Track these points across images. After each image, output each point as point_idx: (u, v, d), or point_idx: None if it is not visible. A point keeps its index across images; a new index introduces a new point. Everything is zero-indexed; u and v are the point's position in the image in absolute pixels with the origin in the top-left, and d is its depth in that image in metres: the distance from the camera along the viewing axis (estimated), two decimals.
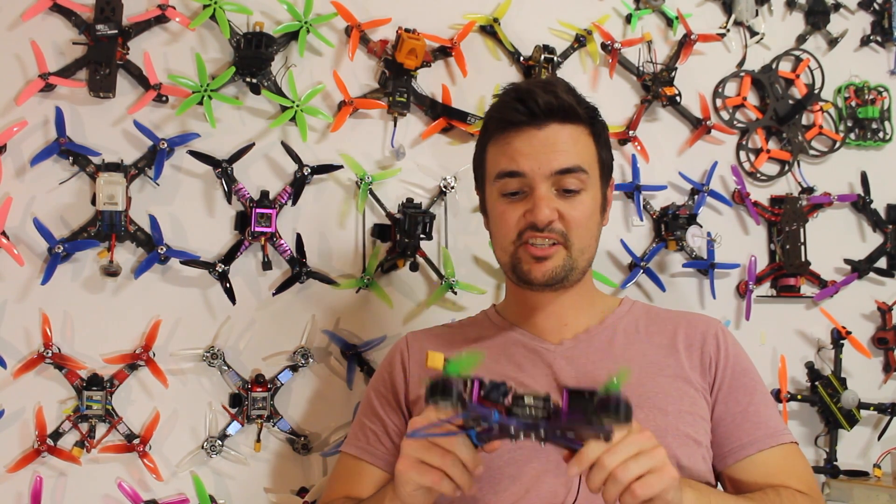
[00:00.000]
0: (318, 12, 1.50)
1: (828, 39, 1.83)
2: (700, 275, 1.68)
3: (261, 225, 1.40)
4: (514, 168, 1.07)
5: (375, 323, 1.49)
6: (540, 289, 1.10)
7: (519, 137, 1.08)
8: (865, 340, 1.75)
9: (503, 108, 1.11)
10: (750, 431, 1.07)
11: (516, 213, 1.08)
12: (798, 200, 1.73)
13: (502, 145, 1.10)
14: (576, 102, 1.10)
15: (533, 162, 1.06)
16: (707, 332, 1.13)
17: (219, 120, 1.43)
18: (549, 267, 1.07)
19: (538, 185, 1.06)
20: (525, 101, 1.08)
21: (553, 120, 1.08)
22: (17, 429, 1.31)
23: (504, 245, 1.10)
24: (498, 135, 1.11)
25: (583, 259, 1.09)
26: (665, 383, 1.07)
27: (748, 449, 1.07)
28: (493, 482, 1.01)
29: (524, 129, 1.08)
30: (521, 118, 1.08)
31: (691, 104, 1.71)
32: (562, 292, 1.12)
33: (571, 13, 1.66)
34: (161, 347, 1.38)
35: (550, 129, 1.08)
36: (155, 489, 1.35)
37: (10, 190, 1.34)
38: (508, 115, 1.09)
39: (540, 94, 1.07)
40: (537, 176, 1.06)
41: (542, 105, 1.07)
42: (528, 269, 1.08)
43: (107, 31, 1.37)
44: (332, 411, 1.45)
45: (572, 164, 1.07)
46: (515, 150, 1.08)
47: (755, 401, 1.09)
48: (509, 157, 1.08)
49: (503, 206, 1.10)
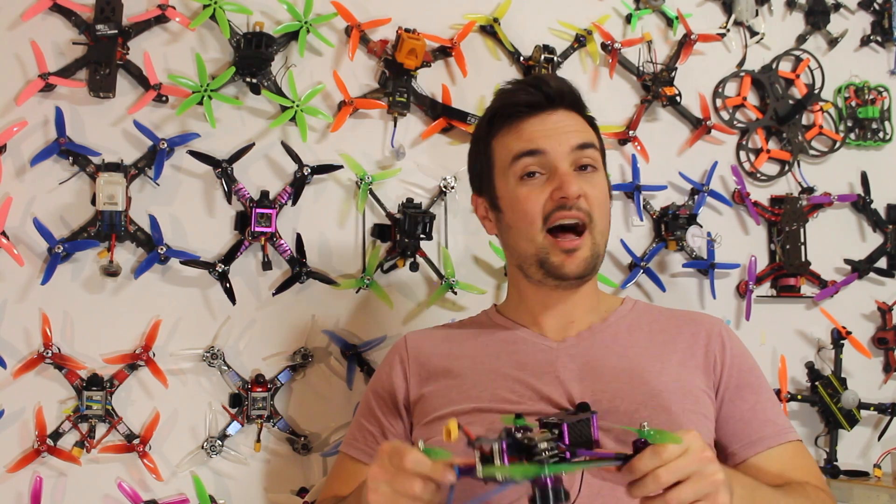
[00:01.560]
0: (318, 12, 1.50)
1: (828, 39, 1.83)
2: (700, 275, 1.68)
3: (261, 225, 1.40)
4: (534, 147, 1.08)
5: (375, 323, 1.49)
6: (571, 283, 1.09)
7: (531, 121, 1.10)
8: (865, 340, 1.75)
9: (515, 93, 1.13)
10: (759, 429, 1.08)
11: (542, 194, 1.07)
12: (798, 200, 1.73)
13: (513, 132, 1.11)
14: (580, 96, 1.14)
15: (552, 141, 1.07)
16: (711, 331, 1.13)
17: (219, 120, 1.43)
18: (581, 258, 1.07)
19: (560, 161, 1.07)
20: (537, 86, 1.11)
21: (563, 105, 1.11)
22: (17, 429, 1.31)
23: (531, 234, 1.08)
24: (506, 123, 1.12)
25: (603, 243, 1.10)
26: (668, 382, 1.06)
27: (758, 446, 1.07)
28: None
29: (537, 114, 1.10)
30: (537, 99, 1.10)
31: (691, 104, 1.71)
32: (576, 289, 1.12)
33: (571, 13, 1.66)
34: (161, 347, 1.38)
35: (562, 113, 1.10)
36: (155, 489, 1.35)
37: (10, 190, 1.34)
38: (523, 98, 1.11)
39: (551, 79, 1.12)
40: (558, 153, 1.07)
41: (555, 88, 1.10)
42: (561, 263, 1.07)
43: (107, 31, 1.37)
44: (332, 411, 1.45)
45: (588, 140, 1.09)
46: (531, 132, 1.09)
47: (762, 399, 1.10)
48: (526, 139, 1.09)
49: (526, 190, 1.08)
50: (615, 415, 1.02)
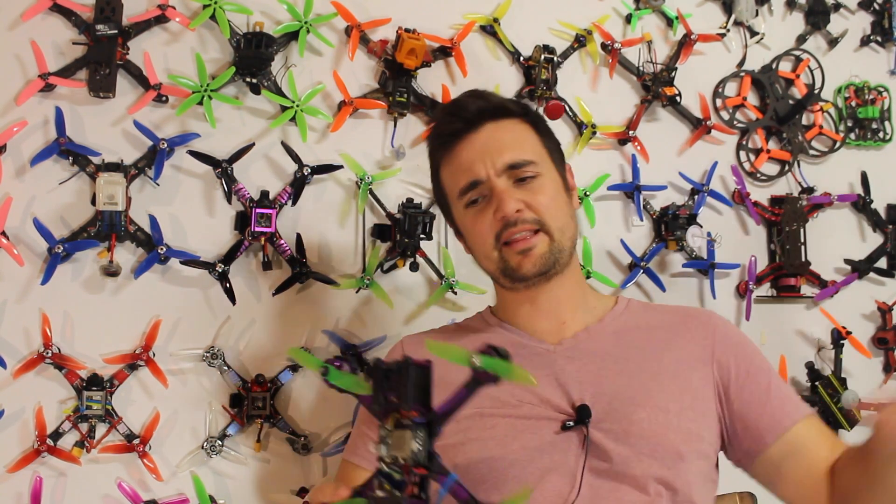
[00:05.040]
0: (318, 12, 1.50)
1: (828, 39, 1.83)
2: (700, 275, 1.68)
3: (261, 225, 1.40)
4: (472, 178, 1.11)
5: (375, 323, 1.49)
6: (534, 281, 1.10)
7: (462, 147, 1.13)
8: (865, 340, 1.74)
9: (439, 125, 1.18)
10: (779, 408, 1.07)
11: (487, 217, 1.10)
12: (798, 200, 1.73)
13: (451, 161, 1.14)
14: (504, 100, 1.16)
15: (483, 164, 1.10)
16: (706, 323, 1.14)
17: (219, 120, 1.43)
18: (537, 255, 1.08)
19: (495, 182, 1.09)
20: (455, 112, 1.14)
21: (486, 120, 1.13)
22: (17, 429, 1.31)
23: (486, 253, 1.12)
24: (444, 154, 1.16)
25: (565, 239, 1.11)
26: (666, 381, 1.06)
27: (784, 423, 1.05)
28: (498, 483, 1.01)
29: (463, 138, 1.13)
30: (457, 126, 1.13)
31: (691, 104, 1.71)
32: (554, 284, 1.12)
33: (571, 13, 1.66)
34: (161, 347, 1.38)
35: (486, 128, 1.13)
36: (155, 489, 1.35)
37: (10, 190, 1.34)
38: (445, 129, 1.15)
39: (469, 101, 1.15)
40: (491, 175, 1.09)
41: (473, 109, 1.13)
42: (518, 264, 1.09)
43: (107, 31, 1.37)
44: (332, 411, 1.45)
45: (520, 159, 1.10)
46: (464, 160, 1.12)
47: (773, 380, 1.09)
48: (463, 171, 1.12)
49: (472, 216, 1.12)
50: (614, 416, 1.02)
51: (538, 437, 1.02)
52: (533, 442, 1.02)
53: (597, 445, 1.00)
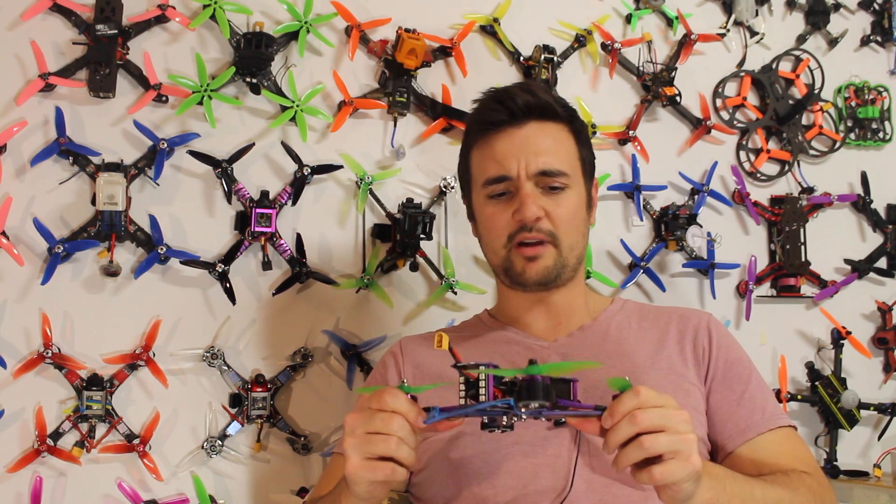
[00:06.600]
0: (318, 12, 1.50)
1: (828, 39, 1.83)
2: (700, 275, 1.68)
3: (261, 225, 1.40)
4: (502, 173, 1.09)
5: (375, 323, 1.49)
6: (534, 289, 1.11)
7: (500, 138, 1.10)
8: (865, 340, 1.75)
9: (483, 110, 1.14)
10: (746, 417, 1.08)
11: (505, 214, 1.09)
12: (798, 200, 1.73)
13: (485, 149, 1.12)
14: (554, 101, 1.12)
15: (517, 162, 1.09)
16: (699, 324, 1.14)
17: (219, 120, 1.43)
18: (542, 266, 1.08)
19: (523, 184, 1.08)
20: (503, 101, 1.10)
21: (532, 118, 1.10)
22: (17, 429, 1.31)
23: (495, 248, 1.12)
24: (480, 138, 1.13)
25: (573, 256, 1.11)
26: (659, 378, 1.08)
27: (746, 434, 1.07)
28: (492, 478, 1.02)
29: (504, 130, 1.10)
30: (501, 117, 1.10)
31: (691, 104, 1.71)
32: (554, 291, 1.12)
33: (571, 13, 1.66)
34: (161, 347, 1.38)
35: (530, 127, 1.10)
36: (155, 489, 1.35)
37: (10, 190, 1.34)
38: (488, 116, 1.12)
39: (518, 94, 1.10)
40: (522, 176, 1.08)
41: (521, 104, 1.10)
42: (522, 270, 1.09)
43: (107, 31, 1.37)
44: (331, 411, 1.45)
45: (554, 168, 1.09)
46: (498, 152, 1.10)
47: (750, 388, 1.10)
48: (495, 162, 1.10)
49: (491, 209, 1.11)
50: None
51: (531, 431, 1.03)
52: (526, 437, 1.02)
53: (589, 440, 1.01)
